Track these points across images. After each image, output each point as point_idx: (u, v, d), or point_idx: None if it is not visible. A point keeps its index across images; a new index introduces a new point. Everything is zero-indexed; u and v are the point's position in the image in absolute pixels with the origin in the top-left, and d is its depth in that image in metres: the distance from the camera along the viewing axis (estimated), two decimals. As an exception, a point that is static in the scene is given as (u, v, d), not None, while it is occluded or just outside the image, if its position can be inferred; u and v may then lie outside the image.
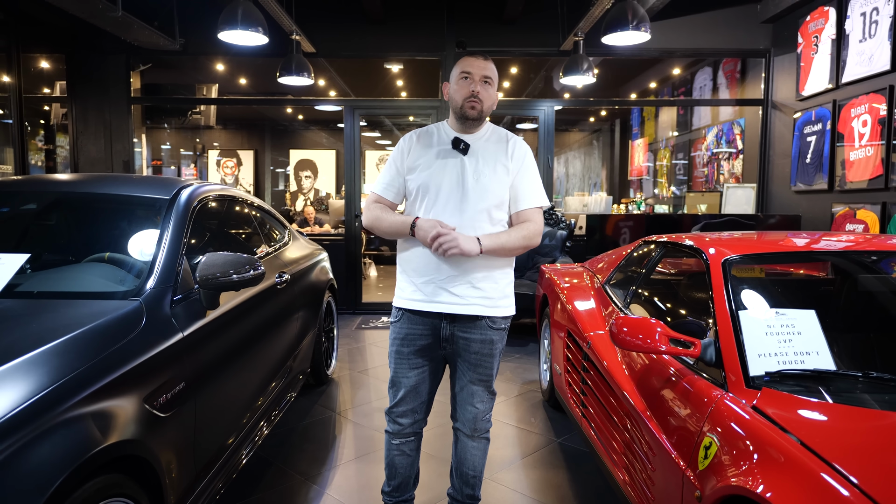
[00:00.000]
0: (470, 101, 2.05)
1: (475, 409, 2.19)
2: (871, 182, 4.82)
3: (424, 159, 2.09)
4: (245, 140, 12.26)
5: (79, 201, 2.61)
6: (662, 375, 2.04)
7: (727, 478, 1.42)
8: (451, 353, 2.15)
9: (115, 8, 4.90)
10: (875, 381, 1.63)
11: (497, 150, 2.12)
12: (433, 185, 2.06)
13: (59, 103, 7.39)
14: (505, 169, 2.09)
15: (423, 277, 2.07)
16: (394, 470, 2.25)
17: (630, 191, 11.02)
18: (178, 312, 2.02)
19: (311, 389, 4.07)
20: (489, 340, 2.11)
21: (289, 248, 3.64)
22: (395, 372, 2.18)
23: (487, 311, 2.09)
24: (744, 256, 2.21)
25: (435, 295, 2.06)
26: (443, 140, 2.12)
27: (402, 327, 2.14)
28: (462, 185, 2.04)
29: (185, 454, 1.91)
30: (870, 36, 4.86)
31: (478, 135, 2.13)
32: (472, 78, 2.05)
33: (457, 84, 2.08)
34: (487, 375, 2.16)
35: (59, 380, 1.44)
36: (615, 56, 6.62)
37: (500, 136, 2.16)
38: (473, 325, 2.09)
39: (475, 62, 2.06)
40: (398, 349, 2.16)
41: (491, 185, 2.06)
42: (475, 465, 2.26)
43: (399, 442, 2.22)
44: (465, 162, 2.07)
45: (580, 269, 3.93)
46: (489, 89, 2.07)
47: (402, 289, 2.15)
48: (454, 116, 2.13)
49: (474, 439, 2.24)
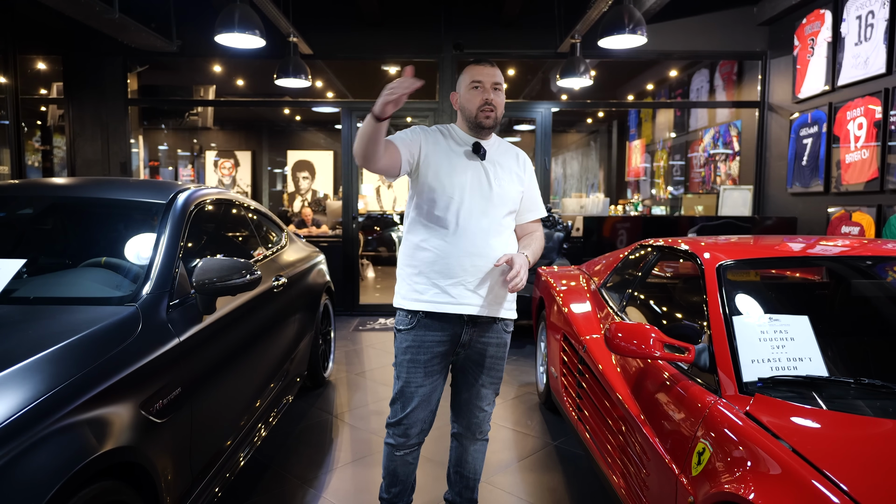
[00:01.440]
0: (485, 111, 2.04)
1: (483, 412, 2.21)
2: (867, 185, 4.84)
3: (442, 158, 2.05)
4: (242, 141, 12.25)
5: (75, 205, 2.61)
6: (657, 380, 2.05)
7: (720, 484, 1.43)
8: (464, 357, 2.14)
9: (111, 10, 4.90)
10: (867, 388, 1.64)
11: (509, 159, 2.15)
12: (457, 186, 2.02)
13: (56, 104, 7.38)
14: (519, 179, 2.14)
15: (450, 279, 2.01)
16: (395, 478, 2.22)
17: (627, 192, 11.04)
18: (174, 318, 2.03)
19: (308, 392, 4.07)
20: (503, 343, 2.16)
21: (286, 251, 3.64)
22: (406, 382, 2.08)
23: (506, 314, 2.13)
24: (738, 262, 2.22)
25: (463, 297, 2.02)
26: (459, 143, 2.10)
27: (419, 333, 2.05)
28: (488, 190, 2.05)
29: (182, 459, 1.91)
30: (865, 39, 4.88)
31: (489, 142, 2.14)
32: (484, 86, 2.04)
33: (468, 93, 2.06)
34: (499, 378, 2.20)
35: (56, 387, 1.44)
36: (612, 58, 6.64)
37: (509, 148, 2.20)
38: (491, 329, 2.11)
39: (484, 70, 2.05)
40: (414, 357, 2.06)
41: (510, 192, 2.10)
42: (476, 467, 2.28)
43: (403, 453, 2.17)
44: (486, 167, 2.08)
45: (576, 271, 3.94)
46: (500, 96, 2.07)
47: (419, 292, 2.04)
48: (467, 125, 2.11)
49: (477, 442, 2.25)
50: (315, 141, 12.41)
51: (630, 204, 8.78)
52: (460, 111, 2.11)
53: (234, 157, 11.85)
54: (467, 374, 2.18)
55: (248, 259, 3.02)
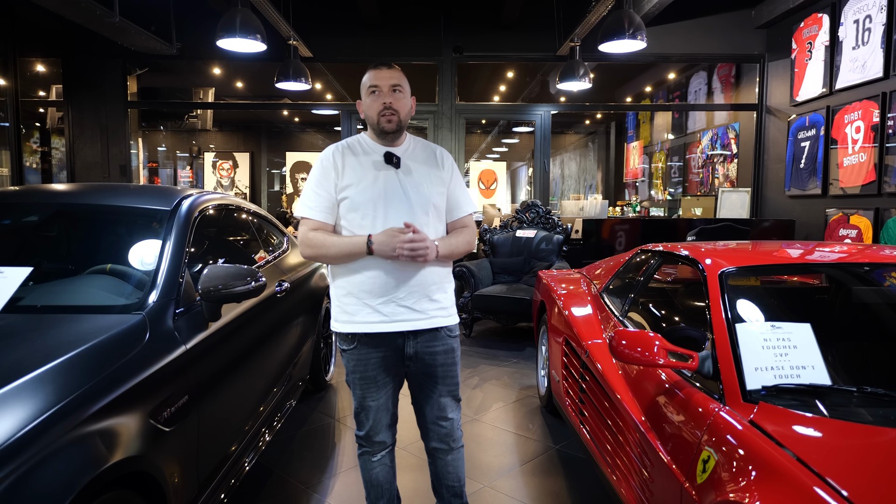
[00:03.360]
0: (385, 115, 1.99)
1: (449, 420, 2.17)
2: (864, 188, 4.87)
3: (357, 175, 2.00)
4: (241, 142, 12.26)
5: (79, 212, 2.62)
6: (660, 386, 2.07)
7: (725, 492, 1.45)
8: (416, 370, 2.11)
9: (112, 14, 4.90)
10: (870, 396, 1.67)
11: (427, 161, 2.10)
12: (372, 201, 1.98)
13: (56, 107, 7.38)
14: (440, 179, 2.10)
15: (380, 298, 1.99)
16: (379, 488, 2.20)
17: (625, 193, 11.07)
18: (180, 325, 2.04)
19: (310, 396, 4.08)
20: (451, 349, 2.12)
21: (288, 256, 3.65)
22: (362, 397, 2.10)
23: (446, 321, 2.09)
24: (740, 269, 2.24)
25: (396, 314, 2.00)
26: (370, 154, 2.05)
27: (362, 353, 2.05)
28: (406, 199, 2.00)
29: (189, 467, 1.92)
30: (863, 43, 4.91)
31: (402, 148, 2.08)
32: (381, 90, 1.99)
33: (367, 99, 2.02)
34: (455, 384, 2.16)
35: (67, 397, 1.45)
36: (611, 61, 6.66)
37: (426, 147, 2.15)
38: (435, 338, 2.08)
39: (381, 73, 2.00)
40: (363, 375, 2.07)
41: (431, 195, 2.05)
42: (459, 475, 2.25)
43: (380, 456, 2.19)
44: (401, 175, 2.03)
45: (577, 275, 3.96)
46: (401, 98, 2.01)
47: (351, 313, 2.02)
48: (373, 132, 2.07)
49: (452, 451, 2.21)
50: (314, 142, 12.43)
51: (628, 206, 8.80)
52: (366, 119, 2.06)
53: (232, 158, 11.85)
54: (423, 387, 2.14)
55: (251, 264, 3.04)
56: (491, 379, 4.55)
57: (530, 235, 6.11)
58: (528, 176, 13.25)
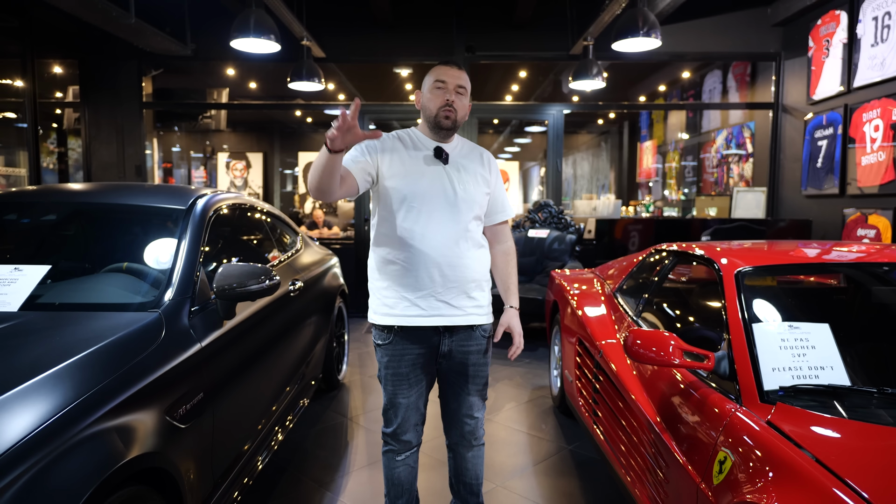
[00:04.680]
0: (445, 111, 2.01)
1: (474, 419, 2.19)
2: (883, 187, 4.80)
3: (405, 167, 2.01)
4: (254, 142, 12.32)
5: (96, 211, 2.65)
6: (675, 386, 2.05)
7: (742, 494, 1.43)
8: (447, 368, 2.12)
9: (128, 15, 4.95)
10: (890, 397, 1.64)
11: (473, 161, 2.12)
12: (419, 194, 1.99)
13: (72, 108, 7.47)
14: (485, 180, 2.12)
15: (419, 291, 2.01)
16: (399, 487, 2.21)
17: (639, 193, 11.00)
18: (195, 323, 2.05)
19: (323, 395, 4.10)
20: (484, 349, 2.14)
21: (301, 255, 3.67)
22: (392, 394, 2.10)
23: (481, 320, 2.11)
24: (757, 268, 2.22)
25: (433, 308, 2.02)
26: (420, 148, 2.06)
27: (397, 348, 2.06)
28: (452, 195, 2.02)
29: (204, 464, 1.94)
30: (882, 40, 4.84)
31: (452, 145, 2.10)
32: (447, 87, 2.01)
33: (431, 93, 2.04)
34: (484, 384, 2.19)
35: (85, 393, 1.47)
36: (624, 60, 6.62)
37: (473, 148, 2.18)
38: (470, 337, 2.10)
39: (450, 71, 2.03)
40: (396, 371, 2.08)
41: (476, 195, 2.07)
42: (477, 472, 2.27)
43: (405, 456, 2.20)
44: (450, 172, 2.04)
45: (590, 275, 3.94)
46: (463, 99, 2.05)
47: (390, 306, 2.04)
48: (427, 126, 2.08)
49: (473, 448, 2.23)
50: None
51: (641, 205, 8.74)
52: (422, 111, 2.07)
53: (245, 158, 11.91)
54: (453, 384, 2.16)
55: (265, 263, 3.06)
56: (503, 379, 4.54)
57: (543, 235, 6.09)
58: (540, 176, 13.21)
